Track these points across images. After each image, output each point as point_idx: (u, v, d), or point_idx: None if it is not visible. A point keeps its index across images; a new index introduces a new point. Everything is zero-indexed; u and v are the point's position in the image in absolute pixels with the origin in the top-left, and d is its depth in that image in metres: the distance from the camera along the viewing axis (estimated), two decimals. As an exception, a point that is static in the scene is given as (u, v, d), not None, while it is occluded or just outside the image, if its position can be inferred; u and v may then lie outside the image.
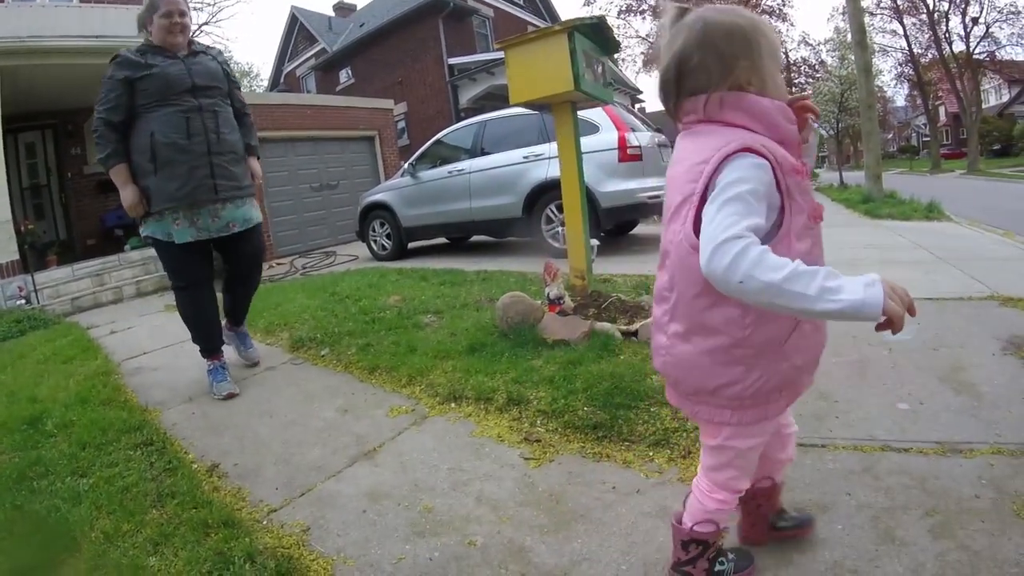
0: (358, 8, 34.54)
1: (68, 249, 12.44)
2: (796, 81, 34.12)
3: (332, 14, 34.84)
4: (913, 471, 2.27)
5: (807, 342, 1.47)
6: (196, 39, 4.10)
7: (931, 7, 36.40)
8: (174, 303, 4.21)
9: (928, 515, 2.01)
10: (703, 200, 1.36)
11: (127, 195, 3.72)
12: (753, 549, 1.91)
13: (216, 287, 4.22)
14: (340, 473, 2.69)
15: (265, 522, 2.36)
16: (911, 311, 1.19)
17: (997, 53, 37.96)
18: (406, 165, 10.29)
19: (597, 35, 4.50)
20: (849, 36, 18.52)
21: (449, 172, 9.30)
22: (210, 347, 4.13)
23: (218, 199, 3.88)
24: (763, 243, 1.27)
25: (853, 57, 17.30)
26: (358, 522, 2.30)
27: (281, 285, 8.25)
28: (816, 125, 1.59)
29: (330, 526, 2.29)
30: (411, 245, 10.38)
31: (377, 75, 26.34)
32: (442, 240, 10.91)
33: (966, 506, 2.04)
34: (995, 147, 45.27)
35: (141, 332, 6.30)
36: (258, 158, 4.35)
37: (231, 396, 3.82)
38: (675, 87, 1.48)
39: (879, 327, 1.20)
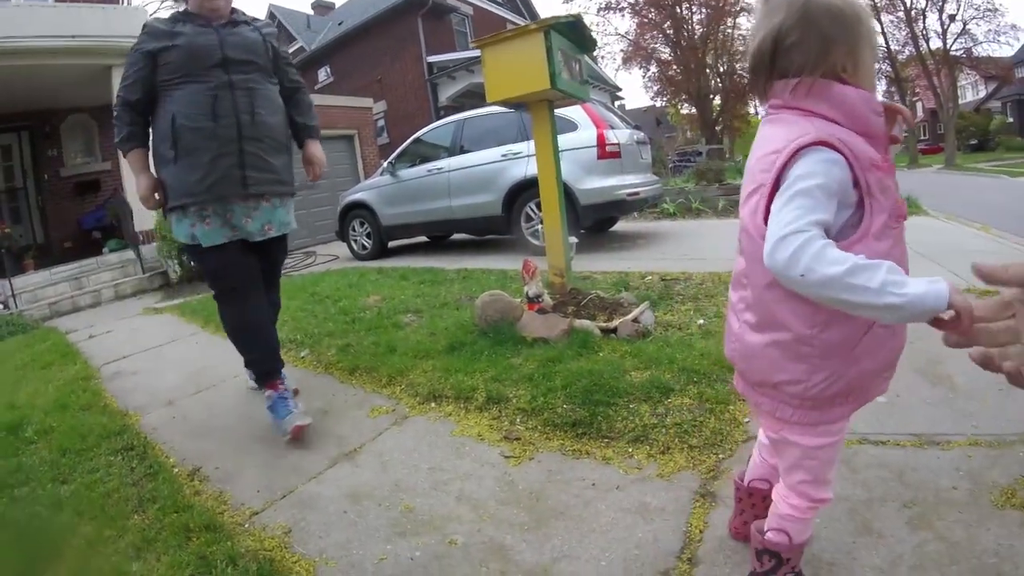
0: (337, 6, 34.40)
1: (45, 253, 12.33)
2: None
3: (310, 12, 34.68)
4: (891, 464, 2.30)
5: (880, 345, 1.40)
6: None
7: (908, 5, 36.72)
8: (153, 306, 4.09)
9: (906, 507, 2.04)
10: (774, 190, 1.31)
11: (140, 184, 3.15)
12: (734, 544, 1.94)
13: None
14: (321, 474, 2.69)
15: (247, 525, 2.36)
16: (965, 328, 0.99)
17: (974, 50, 38.31)
18: (385, 164, 10.28)
19: (574, 33, 4.50)
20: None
21: (428, 171, 9.28)
22: (267, 368, 3.33)
23: (249, 195, 3.16)
24: (841, 242, 1.25)
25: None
26: (339, 523, 2.30)
27: (261, 286, 8.16)
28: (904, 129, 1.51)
29: (311, 528, 2.29)
30: (391, 244, 10.39)
31: (356, 73, 26.22)
32: (423, 239, 10.89)
33: (944, 497, 2.07)
34: (972, 142, 45.84)
35: (120, 336, 6.24)
36: (319, 140, 3.70)
37: (300, 431, 3.02)
38: (768, 66, 1.39)
39: (943, 326, 1.02)
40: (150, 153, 3.18)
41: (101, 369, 4.86)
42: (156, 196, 3.16)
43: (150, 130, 3.19)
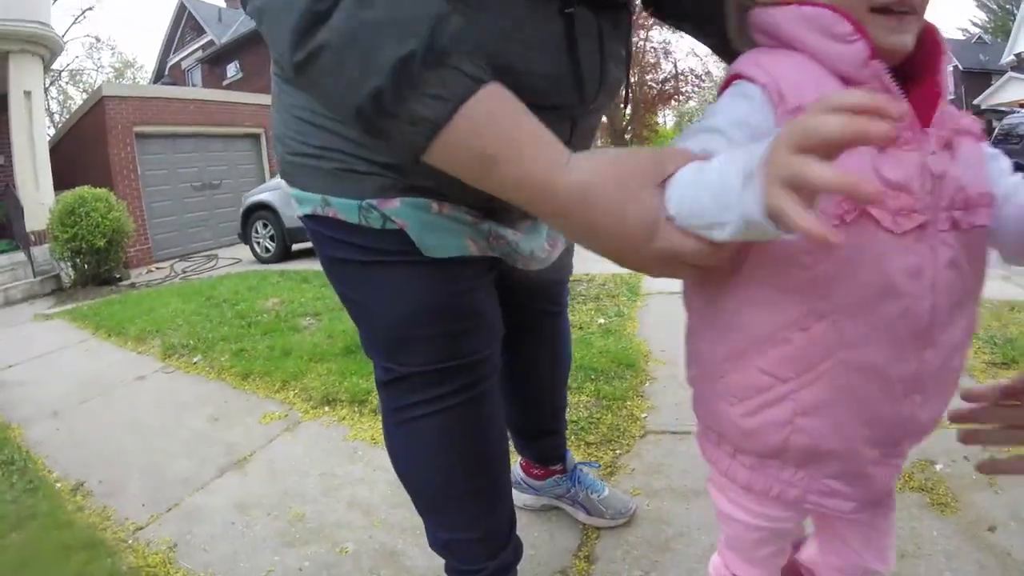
0: (251, -2, 33.69)
1: (-75, 255, 11.65)
2: (683, 90, 34.99)
3: (223, 4, 33.79)
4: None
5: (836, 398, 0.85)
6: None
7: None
8: (44, 312, 3.65)
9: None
10: None
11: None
12: (631, 533, 1.96)
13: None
14: (208, 485, 2.59)
15: (130, 541, 2.24)
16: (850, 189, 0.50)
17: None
18: (290, 163, 9.99)
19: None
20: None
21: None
22: (492, 560, 1.47)
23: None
24: None
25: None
26: (226, 535, 2.21)
27: (158, 290, 7.96)
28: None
29: (197, 541, 2.20)
30: (295, 247, 10.13)
31: (267, 70, 25.22)
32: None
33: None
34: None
35: (7, 344, 5.89)
36: None
37: None
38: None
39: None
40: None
41: (-16, 378, 4.59)
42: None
43: None
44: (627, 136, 34.14)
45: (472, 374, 1.31)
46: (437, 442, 1.35)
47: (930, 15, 0.81)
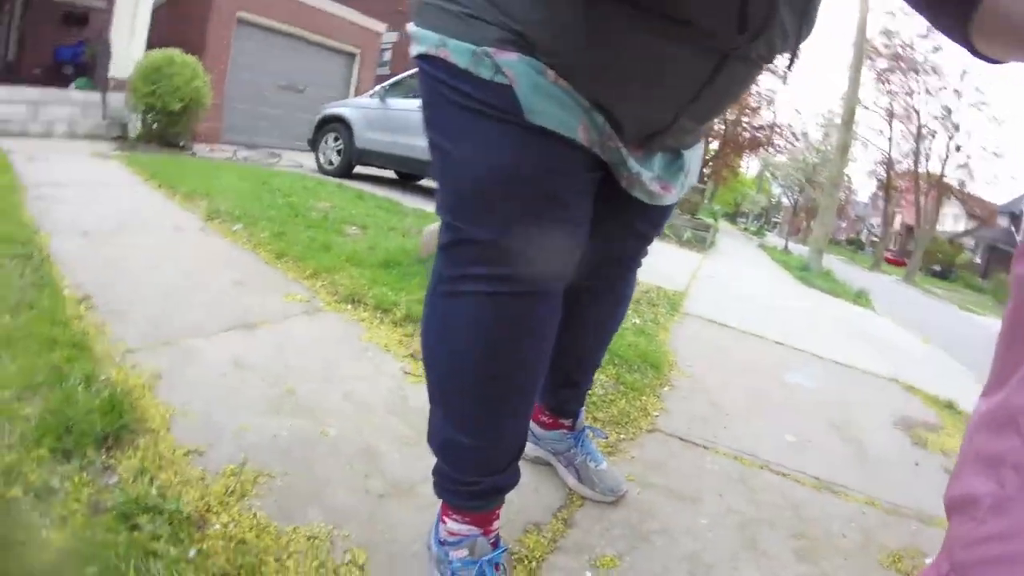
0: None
1: (12, 72, 11.83)
2: (776, 142, 34.75)
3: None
4: (787, 494, 2.25)
5: None
6: None
7: (921, 121, 37.37)
8: (102, 152, 3.70)
9: (795, 537, 1.98)
10: None
11: None
12: (615, 513, 1.87)
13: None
14: (213, 336, 2.53)
15: (117, 358, 2.18)
16: None
17: (968, 185, 39.25)
18: (378, 88, 10.06)
19: None
20: (838, 118, 19.12)
21: (419, 106, 9.05)
22: (486, 477, 1.40)
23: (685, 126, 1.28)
24: None
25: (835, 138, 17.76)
26: (214, 383, 2.15)
27: (217, 164, 7.99)
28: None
29: (183, 379, 2.13)
30: (358, 169, 10.17)
31: None
32: (391, 175, 10.77)
33: (833, 541, 2.02)
34: (935, 268, 46.93)
35: (60, 167, 5.99)
36: None
37: None
38: None
39: None
40: None
41: (30, 189, 4.61)
42: None
43: None
44: (706, 170, 33.99)
45: (538, 266, 1.24)
46: (478, 325, 1.27)
47: None
